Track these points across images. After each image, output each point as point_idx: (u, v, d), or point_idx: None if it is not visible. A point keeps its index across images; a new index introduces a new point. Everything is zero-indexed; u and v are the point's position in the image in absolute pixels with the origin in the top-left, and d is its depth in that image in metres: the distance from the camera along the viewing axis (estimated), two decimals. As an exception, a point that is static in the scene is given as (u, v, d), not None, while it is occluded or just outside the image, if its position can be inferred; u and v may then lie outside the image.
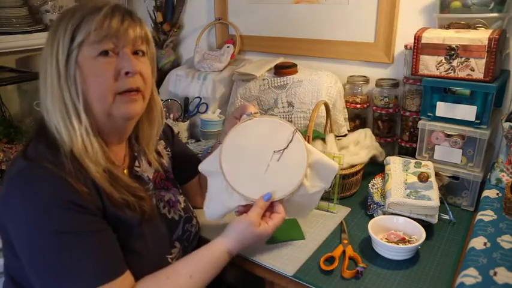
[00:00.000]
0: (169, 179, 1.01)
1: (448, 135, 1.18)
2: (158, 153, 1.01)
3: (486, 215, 1.01)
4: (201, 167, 0.95)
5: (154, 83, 0.91)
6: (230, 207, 0.91)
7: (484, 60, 1.07)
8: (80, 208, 0.73)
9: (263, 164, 0.90)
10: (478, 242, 0.90)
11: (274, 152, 0.90)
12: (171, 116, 1.68)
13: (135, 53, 0.82)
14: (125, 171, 0.91)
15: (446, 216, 1.11)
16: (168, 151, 1.06)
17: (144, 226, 0.84)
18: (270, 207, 0.90)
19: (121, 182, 0.83)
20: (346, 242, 1.02)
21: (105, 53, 0.78)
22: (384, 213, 1.08)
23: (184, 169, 1.09)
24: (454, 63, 1.12)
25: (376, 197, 1.14)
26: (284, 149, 0.90)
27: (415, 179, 1.12)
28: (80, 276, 0.71)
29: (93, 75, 0.78)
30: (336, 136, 1.38)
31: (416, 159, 1.23)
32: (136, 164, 0.93)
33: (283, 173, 0.89)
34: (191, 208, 1.03)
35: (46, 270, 0.71)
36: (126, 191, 0.82)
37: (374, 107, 1.46)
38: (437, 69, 1.15)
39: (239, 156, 0.90)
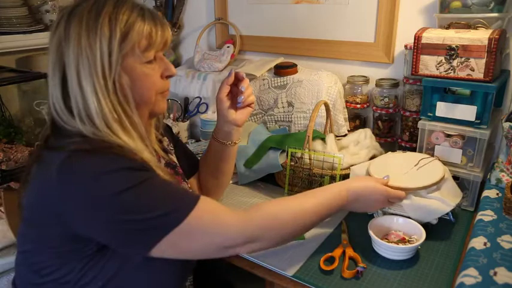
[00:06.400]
0: (178, 174, 1.02)
1: (448, 135, 1.18)
2: (165, 149, 1.02)
3: (486, 215, 1.01)
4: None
5: None
6: None
7: (484, 60, 1.07)
8: (141, 167, 0.74)
9: (403, 170, 1.09)
10: (478, 242, 0.90)
11: (420, 160, 1.12)
12: (171, 116, 1.68)
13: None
14: None
15: (446, 216, 1.11)
16: (171, 147, 1.08)
17: None
18: None
19: (166, 172, 0.84)
20: (346, 242, 1.02)
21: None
22: (384, 213, 1.08)
23: (183, 167, 1.09)
24: (454, 63, 1.12)
25: (376, 197, 1.14)
26: (427, 161, 1.12)
27: (415, 179, 1.12)
28: (175, 205, 0.72)
29: (141, 81, 0.80)
30: (336, 136, 1.38)
31: (416, 159, 1.23)
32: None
33: (419, 175, 1.07)
34: None
35: (140, 222, 0.70)
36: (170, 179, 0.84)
37: (374, 107, 1.46)
38: (437, 69, 1.15)
39: (386, 166, 1.12)
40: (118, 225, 0.70)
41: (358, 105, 1.49)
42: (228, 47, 1.75)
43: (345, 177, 1.20)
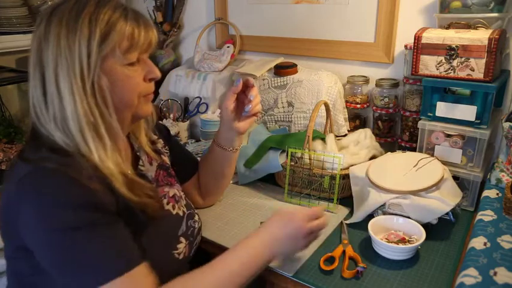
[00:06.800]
0: (171, 176, 1.02)
1: (448, 135, 1.18)
2: (158, 151, 1.01)
3: (486, 215, 1.01)
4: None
5: None
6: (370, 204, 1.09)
7: (484, 60, 1.07)
8: (93, 205, 0.71)
9: (403, 172, 1.11)
10: (478, 242, 0.90)
11: (419, 160, 1.13)
12: (171, 116, 1.68)
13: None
14: (129, 170, 0.90)
15: (446, 216, 1.11)
16: (166, 149, 1.07)
17: (150, 223, 0.83)
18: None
19: (136, 184, 0.81)
20: (346, 242, 1.02)
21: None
22: (384, 213, 1.08)
23: (181, 168, 1.09)
24: (454, 63, 1.12)
25: (376, 197, 1.14)
26: (427, 162, 1.12)
27: (415, 179, 1.12)
28: (97, 268, 0.69)
29: (122, 83, 0.77)
30: (336, 136, 1.38)
31: (416, 159, 1.23)
32: (141, 163, 0.93)
33: (419, 176, 1.08)
34: (192, 205, 1.03)
35: (65, 267, 0.70)
36: (142, 192, 0.81)
37: (374, 107, 1.46)
38: (437, 69, 1.15)
39: (385, 167, 1.15)
40: (46, 257, 0.71)
41: (358, 105, 1.49)
42: (228, 47, 1.75)
43: (345, 177, 1.20)
